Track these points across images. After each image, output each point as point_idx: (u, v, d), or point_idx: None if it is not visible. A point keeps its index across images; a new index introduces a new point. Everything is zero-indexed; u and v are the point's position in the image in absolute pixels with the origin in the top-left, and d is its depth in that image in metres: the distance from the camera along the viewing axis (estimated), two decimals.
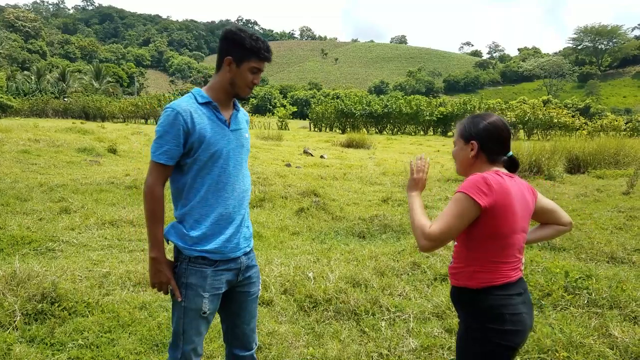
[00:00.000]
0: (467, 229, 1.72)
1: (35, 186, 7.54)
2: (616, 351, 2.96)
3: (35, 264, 3.92)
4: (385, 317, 3.49)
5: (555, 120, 32.00)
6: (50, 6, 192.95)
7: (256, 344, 2.26)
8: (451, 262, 1.89)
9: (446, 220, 1.68)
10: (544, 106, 39.62)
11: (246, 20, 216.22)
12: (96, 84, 67.52)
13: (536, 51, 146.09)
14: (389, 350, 3.05)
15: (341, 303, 3.62)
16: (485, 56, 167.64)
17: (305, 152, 16.05)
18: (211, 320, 2.06)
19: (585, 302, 3.60)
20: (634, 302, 3.56)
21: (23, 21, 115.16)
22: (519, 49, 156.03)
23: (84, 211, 6.35)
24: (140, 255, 4.69)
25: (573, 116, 34.59)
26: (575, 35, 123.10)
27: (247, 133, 2.15)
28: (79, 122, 32.74)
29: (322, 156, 15.06)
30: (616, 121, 32.81)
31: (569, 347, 2.98)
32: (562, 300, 3.65)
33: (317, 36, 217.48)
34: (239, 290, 2.13)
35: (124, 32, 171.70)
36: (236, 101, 2.12)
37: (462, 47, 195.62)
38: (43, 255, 4.67)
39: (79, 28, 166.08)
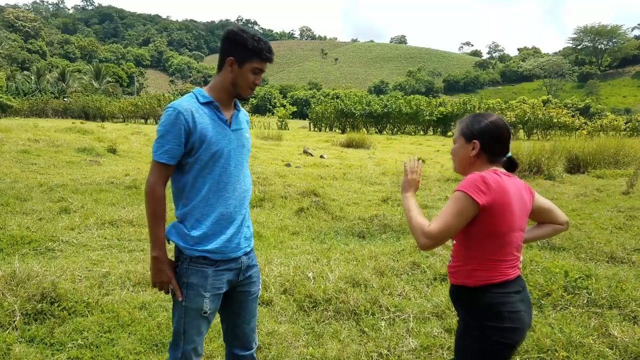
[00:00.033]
0: (465, 227, 1.73)
1: (35, 186, 7.53)
2: (616, 351, 2.97)
3: (35, 264, 3.92)
4: (384, 317, 3.49)
5: (555, 120, 32.01)
6: (50, 6, 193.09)
7: (256, 343, 2.26)
8: (450, 261, 1.90)
9: (445, 219, 1.69)
10: (543, 106, 39.62)
11: (246, 20, 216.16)
12: (96, 84, 67.53)
13: (536, 51, 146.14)
14: (388, 350, 3.05)
15: (341, 303, 3.62)
16: (485, 56, 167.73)
17: (305, 152, 16.05)
18: (212, 319, 2.06)
19: (585, 301, 3.61)
20: (633, 301, 3.56)
21: (23, 21, 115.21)
22: (518, 49, 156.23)
23: (84, 211, 6.35)
24: (139, 255, 4.69)
25: (573, 116, 34.60)
26: (575, 35, 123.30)
27: (247, 133, 2.16)
28: (79, 122, 32.76)
29: (321, 156, 15.06)
30: (616, 121, 32.84)
31: (568, 347, 2.98)
32: (561, 300, 3.65)
33: (317, 36, 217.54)
34: (239, 289, 2.13)
35: (123, 32, 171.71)
36: (237, 101, 2.12)
37: (461, 47, 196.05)
38: (43, 255, 4.66)
39: (79, 28, 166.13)
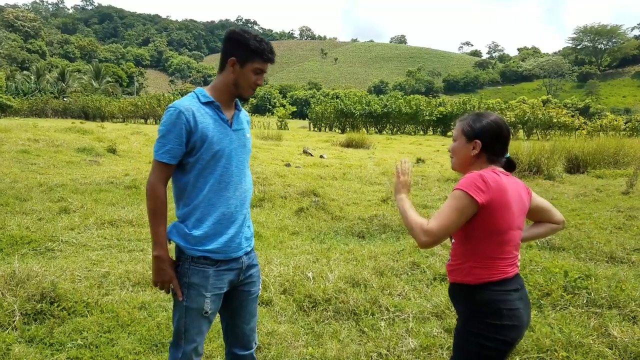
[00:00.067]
0: (464, 225, 1.75)
1: (34, 186, 7.53)
2: (615, 351, 2.97)
3: (35, 264, 3.91)
4: (384, 317, 3.49)
5: (555, 120, 32.02)
6: (50, 6, 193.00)
7: (256, 343, 2.26)
8: (449, 260, 1.91)
9: (445, 217, 1.70)
10: (543, 106, 39.65)
11: (246, 20, 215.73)
12: (95, 84, 67.51)
13: (536, 51, 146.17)
14: (388, 350, 3.05)
15: (340, 303, 3.62)
16: (485, 56, 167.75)
17: (305, 152, 16.04)
18: (213, 319, 2.07)
19: (585, 301, 3.61)
20: (633, 301, 3.56)
21: (22, 21, 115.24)
22: (518, 49, 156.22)
23: (84, 211, 6.35)
24: (139, 255, 4.68)
25: (572, 116, 34.60)
26: (575, 35, 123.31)
27: (248, 133, 2.16)
28: (79, 122, 32.76)
29: (321, 156, 15.05)
30: (615, 121, 32.83)
31: (568, 347, 2.98)
32: (561, 300, 3.65)
33: (316, 36, 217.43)
34: (240, 289, 2.14)
35: (123, 32, 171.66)
36: (238, 101, 2.13)
37: (461, 46, 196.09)
38: (42, 255, 4.66)
39: (79, 28, 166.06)
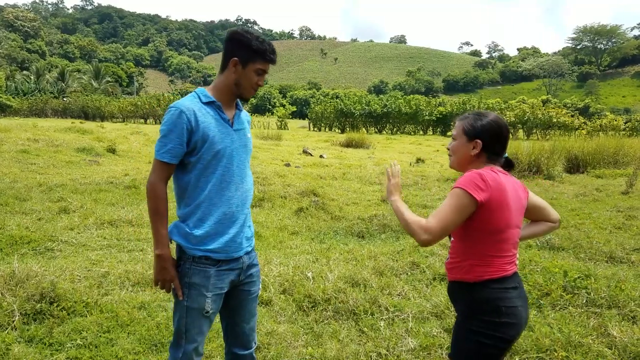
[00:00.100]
0: (463, 223, 1.76)
1: (34, 186, 7.53)
2: (615, 351, 2.97)
3: (34, 263, 3.92)
4: (384, 317, 3.49)
5: (555, 120, 32.02)
6: (50, 6, 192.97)
7: (255, 343, 2.26)
8: (447, 258, 1.93)
9: (444, 214, 1.72)
10: (543, 106, 39.66)
11: (245, 19, 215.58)
12: (95, 84, 67.47)
13: (535, 51, 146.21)
14: (387, 350, 3.05)
15: (340, 303, 3.62)
16: (485, 56, 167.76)
17: (305, 151, 16.04)
18: (213, 319, 2.07)
19: (584, 301, 3.61)
20: (632, 301, 3.56)
21: (22, 21, 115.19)
22: (518, 49, 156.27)
23: (83, 211, 6.35)
24: (139, 255, 4.68)
25: (572, 116, 34.59)
26: (575, 35, 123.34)
27: (249, 133, 2.17)
28: (78, 121, 32.76)
29: (321, 156, 15.05)
30: (615, 121, 32.81)
31: (567, 347, 2.98)
32: (560, 300, 3.65)
33: (316, 36, 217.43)
34: (240, 288, 2.14)
35: (123, 32, 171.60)
36: (239, 102, 2.13)
37: (461, 46, 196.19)
38: (42, 255, 4.66)
39: (78, 28, 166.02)
